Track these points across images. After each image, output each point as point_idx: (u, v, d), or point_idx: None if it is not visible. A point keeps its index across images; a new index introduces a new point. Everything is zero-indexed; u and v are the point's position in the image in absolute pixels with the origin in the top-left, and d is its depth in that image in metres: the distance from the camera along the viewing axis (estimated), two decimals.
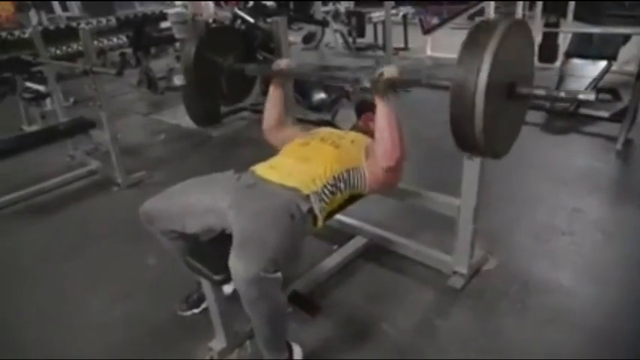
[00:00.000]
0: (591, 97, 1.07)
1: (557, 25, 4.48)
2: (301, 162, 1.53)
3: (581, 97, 1.09)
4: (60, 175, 3.17)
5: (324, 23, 5.19)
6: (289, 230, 1.32)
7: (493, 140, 1.12)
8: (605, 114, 3.21)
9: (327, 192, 1.47)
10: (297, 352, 1.51)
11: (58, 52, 5.47)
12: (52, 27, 5.74)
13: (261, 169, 1.55)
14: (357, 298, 1.89)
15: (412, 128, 1.58)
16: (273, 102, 1.81)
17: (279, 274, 1.23)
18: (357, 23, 5.42)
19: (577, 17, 4.47)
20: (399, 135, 1.46)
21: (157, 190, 1.57)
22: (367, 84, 1.42)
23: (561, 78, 3.59)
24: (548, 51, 4.66)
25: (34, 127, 4.06)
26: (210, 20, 5.51)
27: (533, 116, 3.29)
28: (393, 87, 1.43)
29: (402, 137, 1.47)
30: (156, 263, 2.14)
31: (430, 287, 1.91)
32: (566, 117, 3.39)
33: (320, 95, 3.54)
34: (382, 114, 1.44)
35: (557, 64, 4.33)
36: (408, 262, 2.05)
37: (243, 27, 3.88)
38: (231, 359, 1.62)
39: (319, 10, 5.22)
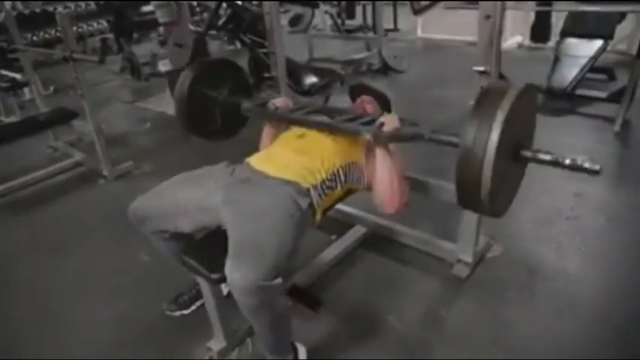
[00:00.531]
0: (596, 167, 1.06)
1: (550, 3, 4.39)
2: (298, 154, 1.44)
3: (586, 165, 1.08)
4: (43, 168, 3.04)
5: (313, 4, 5.03)
6: (289, 231, 1.23)
7: (496, 202, 1.13)
8: (602, 94, 3.16)
9: (325, 187, 1.39)
10: (302, 352, 1.45)
11: (35, 38, 5.25)
12: (26, 11, 5.50)
13: (256, 161, 1.47)
14: (359, 290, 1.83)
15: (408, 110, 1.52)
16: (270, 142, 1.70)
17: (279, 280, 1.15)
18: (346, 4, 5.27)
19: None
20: (398, 185, 1.42)
21: (146, 181, 1.49)
22: (368, 136, 1.38)
23: (557, 58, 3.51)
24: (542, 30, 4.58)
25: (12, 118, 3.90)
26: (195, 3, 5.32)
27: None
28: (394, 140, 1.40)
29: (404, 186, 1.45)
30: (148, 259, 2.05)
31: (434, 276, 1.86)
32: (564, 98, 3.33)
33: (311, 79, 3.43)
34: (381, 164, 1.42)
35: (550, 44, 4.27)
36: (410, 251, 2.00)
37: (229, 10, 3.73)
38: (232, 359, 1.56)
39: None
